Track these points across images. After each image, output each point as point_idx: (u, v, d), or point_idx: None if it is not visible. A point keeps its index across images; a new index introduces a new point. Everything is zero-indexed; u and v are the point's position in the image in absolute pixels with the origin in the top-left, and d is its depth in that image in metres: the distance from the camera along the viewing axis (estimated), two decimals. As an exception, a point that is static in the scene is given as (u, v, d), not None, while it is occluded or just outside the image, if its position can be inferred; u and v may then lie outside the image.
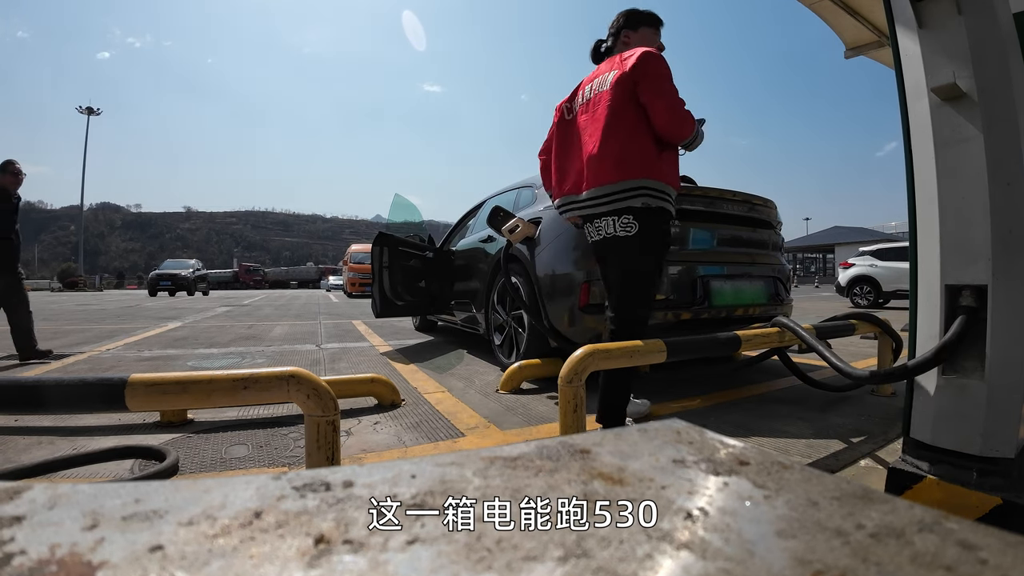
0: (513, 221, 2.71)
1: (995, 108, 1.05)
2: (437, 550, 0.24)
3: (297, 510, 0.26)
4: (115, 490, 0.28)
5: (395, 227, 4.95)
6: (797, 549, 0.24)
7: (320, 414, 1.00)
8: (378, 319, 5.43)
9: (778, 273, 2.75)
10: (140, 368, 3.20)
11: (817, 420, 1.95)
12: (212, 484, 0.29)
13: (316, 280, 39.81)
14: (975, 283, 1.07)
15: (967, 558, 0.23)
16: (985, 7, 1.06)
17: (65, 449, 1.63)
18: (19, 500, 0.27)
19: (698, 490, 0.29)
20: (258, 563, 0.22)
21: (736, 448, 0.35)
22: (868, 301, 9.50)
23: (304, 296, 17.30)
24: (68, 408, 1.19)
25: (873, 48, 2.59)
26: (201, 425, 1.90)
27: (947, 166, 1.11)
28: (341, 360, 3.47)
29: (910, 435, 1.20)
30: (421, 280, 3.99)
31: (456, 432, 1.83)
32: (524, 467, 0.32)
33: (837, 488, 0.29)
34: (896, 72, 1.21)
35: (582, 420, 1.34)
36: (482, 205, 4.10)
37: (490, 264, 3.19)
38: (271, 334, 5.10)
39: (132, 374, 0.98)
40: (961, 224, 1.09)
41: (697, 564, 0.23)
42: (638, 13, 1.82)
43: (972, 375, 1.09)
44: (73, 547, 0.23)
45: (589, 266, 2.34)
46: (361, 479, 0.30)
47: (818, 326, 2.02)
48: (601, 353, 1.38)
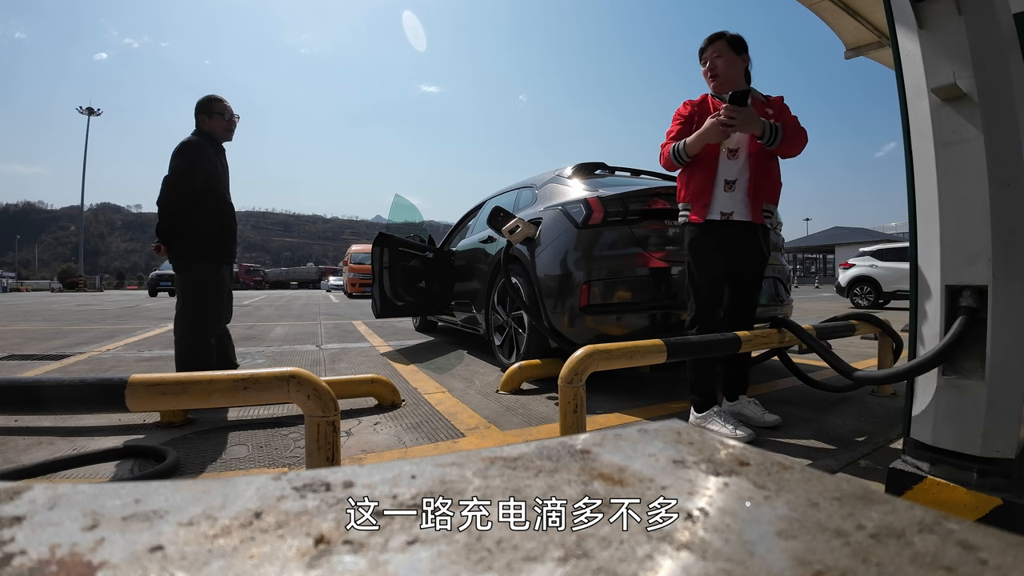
0: (513, 222, 2.71)
1: (995, 108, 1.05)
2: (437, 550, 0.24)
3: (297, 510, 0.26)
4: (115, 490, 0.28)
5: (395, 227, 4.96)
6: (797, 550, 0.24)
7: (320, 414, 1.00)
8: (378, 319, 5.43)
9: (778, 274, 2.75)
10: (140, 368, 3.20)
11: (817, 420, 1.95)
12: (212, 484, 0.29)
13: (316, 280, 39.82)
14: (975, 283, 1.07)
15: (967, 559, 0.23)
16: (985, 7, 1.06)
17: (65, 449, 1.63)
18: (19, 500, 0.27)
19: (698, 490, 0.29)
20: (258, 563, 0.22)
21: (736, 448, 0.35)
22: (868, 301, 9.50)
23: (304, 297, 17.31)
24: (68, 408, 1.19)
25: (873, 48, 2.59)
26: (201, 425, 1.90)
27: (947, 166, 1.11)
28: (341, 360, 3.47)
29: (910, 435, 1.20)
30: (421, 280, 3.99)
31: (456, 433, 1.83)
32: (524, 467, 0.32)
33: (837, 488, 0.29)
34: (896, 72, 1.21)
35: (582, 420, 1.34)
36: (482, 205, 4.11)
37: (490, 264, 3.19)
38: (271, 334, 5.10)
39: (132, 374, 0.98)
40: (961, 224, 1.09)
41: (697, 564, 0.23)
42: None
43: (972, 375, 1.09)
44: (73, 547, 0.23)
45: (589, 266, 2.35)
46: (361, 479, 0.30)
47: (818, 327, 2.02)
48: (601, 353, 1.38)
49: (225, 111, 2.42)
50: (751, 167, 1.78)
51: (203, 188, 2.26)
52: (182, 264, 2.27)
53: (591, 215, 2.42)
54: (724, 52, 1.80)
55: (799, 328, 1.81)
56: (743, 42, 1.82)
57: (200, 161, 2.25)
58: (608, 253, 2.35)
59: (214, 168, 2.32)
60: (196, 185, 2.23)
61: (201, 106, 2.38)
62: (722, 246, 1.81)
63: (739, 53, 1.81)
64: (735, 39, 1.81)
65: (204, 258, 2.29)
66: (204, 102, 2.39)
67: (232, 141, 2.50)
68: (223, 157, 2.45)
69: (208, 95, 2.42)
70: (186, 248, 2.26)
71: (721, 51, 1.80)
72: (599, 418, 1.99)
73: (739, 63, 1.81)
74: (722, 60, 1.80)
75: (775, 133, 1.68)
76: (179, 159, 2.22)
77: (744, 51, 1.82)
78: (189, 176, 2.21)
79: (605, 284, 2.31)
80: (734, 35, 1.81)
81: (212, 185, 2.31)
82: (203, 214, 2.27)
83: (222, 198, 2.38)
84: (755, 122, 1.67)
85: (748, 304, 1.91)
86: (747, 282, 1.89)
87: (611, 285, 2.31)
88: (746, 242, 1.82)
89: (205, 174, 2.26)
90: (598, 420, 1.96)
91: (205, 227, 2.27)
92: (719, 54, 1.80)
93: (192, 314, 2.27)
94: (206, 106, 2.38)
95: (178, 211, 2.21)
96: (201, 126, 2.38)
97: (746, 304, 1.91)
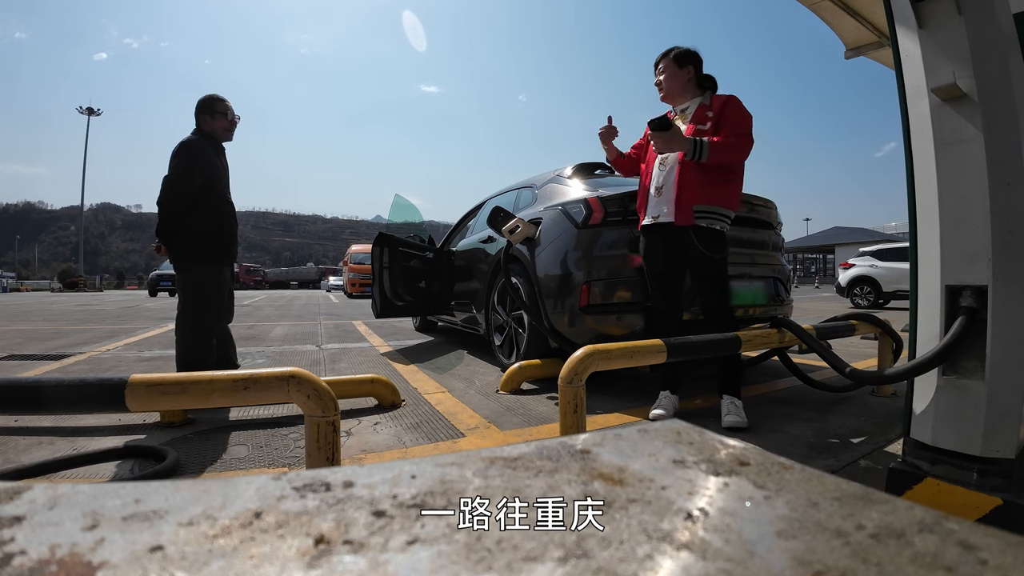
0: (513, 222, 2.71)
1: (995, 108, 1.05)
2: (437, 550, 0.24)
3: (297, 510, 0.26)
4: (115, 490, 0.28)
5: (395, 227, 4.95)
6: (797, 550, 0.24)
7: (320, 414, 1.00)
8: (378, 319, 5.43)
9: (778, 274, 2.75)
10: (140, 368, 3.20)
11: (817, 420, 1.95)
12: (212, 484, 0.29)
13: (316, 280, 39.83)
14: (975, 283, 1.07)
15: (967, 559, 0.23)
16: (985, 7, 1.06)
17: (65, 449, 1.63)
18: (19, 500, 0.27)
19: (698, 490, 0.29)
20: (258, 563, 0.22)
21: (736, 448, 0.35)
22: (868, 301, 9.50)
23: (304, 297, 17.31)
24: (68, 408, 1.19)
25: (873, 48, 2.59)
26: (201, 425, 1.90)
27: (947, 166, 1.11)
28: (341, 360, 3.47)
29: (910, 435, 1.20)
30: (421, 280, 3.99)
31: (456, 432, 1.83)
32: (524, 467, 0.32)
33: (837, 488, 0.29)
34: (896, 72, 1.21)
35: (582, 420, 1.34)
36: (482, 205, 4.11)
37: (490, 264, 3.19)
38: (271, 334, 5.10)
39: (132, 374, 0.98)
40: (961, 224, 1.09)
41: (697, 565, 0.23)
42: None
43: (972, 375, 1.09)
44: (73, 547, 0.23)
45: (589, 266, 2.35)
46: (361, 479, 0.30)
47: (818, 327, 2.02)
48: (601, 353, 1.38)
49: (227, 111, 2.41)
50: (677, 172, 1.92)
51: (203, 188, 2.26)
52: (182, 265, 2.27)
53: (591, 215, 2.42)
54: (668, 68, 1.99)
55: (799, 328, 1.81)
56: (687, 55, 1.98)
57: (200, 161, 2.25)
58: (608, 253, 2.35)
59: (214, 168, 2.32)
60: (196, 185, 2.22)
61: (203, 105, 2.38)
62: (656, 248, 2.00)
63: (681, 66, 1.97)
64: (679, 55, 1.98)
65: (204, 259, 2.29)
66: (206, 101, 2.39)
67: (232, 141, 2.50)
68: (223, 157, 2.45)
69: (209, 94, 2.42)
70: (186, 248, 2.26)
71: (665, 67, 2.00)
72: (599, 418, 1.99)
73: (681, 76, 1.98)
74: (665, 76, 2.00)
75: (700, 150, 1.80)
76: (179, 159, 2.22)
77: (688, 63, 1.97)
78: (189, 176, 2.21)
79: (605, 284, 2.31)
80: (680, 51, 1.99)
81: (212, 185, 2.31)
82: (203, 214, 2.26)
83: (223, 198, 2.38)
84: (676, 143, 1.83)
85: (714, 305, 1.97)
86: (703, 284, 1.97)
87: (611, 285, 2.31)
88: (679, 244, 1.94)
89: (205, 174, 2.26)
90: (598, 420, 1.96)
91: (205, 227, 2.27)
92: (663, 71, 2.01)
93: (192, 315, 2.27)
94: (208, 105, 2.38)
95: (178, 211, 2.21)
96: (203, 126, 2.37)
97: (711, 305, 1.97)
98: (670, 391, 2.02)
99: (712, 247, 1.90)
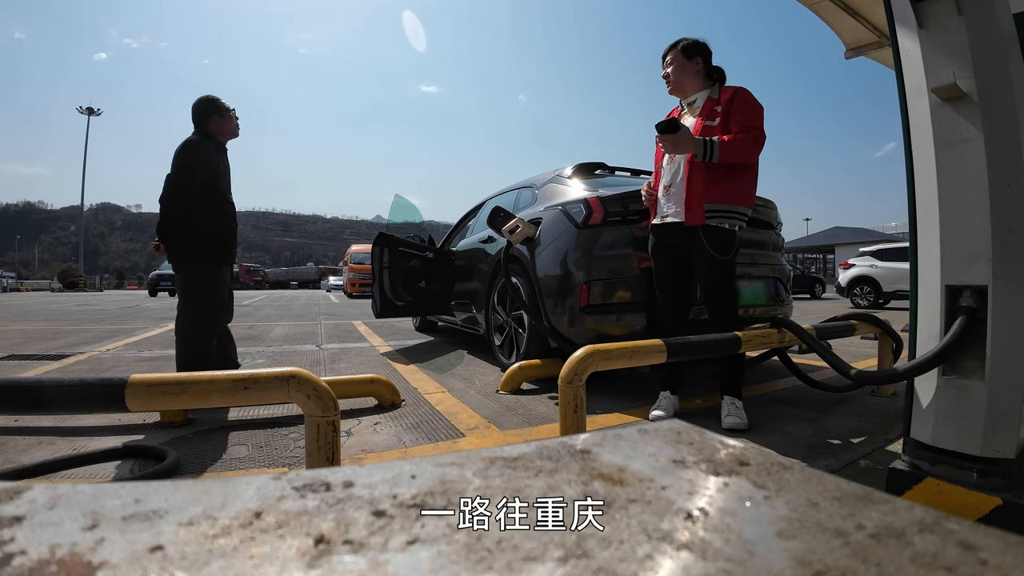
0: (513, 222, 2.71)
1: (995, 108, 1.05)
2: (437, 550, 0.24)
3: (297, 510, 0.26)
4: (115, 490, 0.28)
5: (395, 227, 4.95)
6: (797, 550, 0.24)
7: (320, 414, 1.00)
8: (378, 319, 5.44)
9: (778, 274, 2.75)
10: (140, 368, 3.20)
11: (818, 420, 1.95)
12: (212, 484, 0.29)
13: (316, 280, 39.83)
14: (975, 283, 1.07)
15: (967, 559, 0.23)
16: (985, 7, 1.06)
17: (65, 449, 1.63)
18: (19, 500, 0.27)
19: (698, 490, 0.29)
20: (258, 563, 0.22)
21: (736, 448, 0.35)
22: (868, 301, 9.51)
23: (304, 296, 17.31)
24: (68, 408, 1.19)
25: (873, 48, 2.59)
26: (201, 425, 1.90)
27: (947, 166, 1.11)
28: (341, 360, 3.47)
29: (910, 435, 1.20)
30: (421, 280, 3.99)
31: (456, 432, 1.83)
32: (524, 467, 0.32)
33: (837, 488, 0.29)
34: (896, 72, 1.21)
35: (582, 420, 1.34)
36: (482, 205, 4.10)
37: (490, 264, 3.18)
38: (271, 334, 5.10)
39: (132, 374, 0.98)
40: (961, 224, 1.09)
41: (697, 564, 0.23)
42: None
43: (972, 375, 1.09)
44: (73, 547, 0.23)
45: (589, 266, 2.35)
46: (361, 479, 0.30)
47: (818, 327, 2.02)
48: (601, 353, 1.38)
49: (231, 109, 2.44)
50: (685, 170, 1.88)
51: (204, 188, 2.26)
52: (182, 265, 2.28)
53: (591, 215, 2.42)
54: (676, 60, 1.95)
55: (799, 328, 1.81)
56: (696, 46, 1.93)
57: (201, 161, 2.25)
58: (608, 253, 2.35)
59: (215, 168, 2.32)
60: (196, 185, 2.23)
61: (209, 106, 2.38)
62: (664, 249, 1.98)
63: (690, 58, 1.93)
64: (687, 46, 1.94)
65: (204, 259, 2.29)
66: (211, 102, 2.40)
67: (239, 136, 2.52)
68: (225, 157, 2.46)
69: (209, 95, 2.42)
70: (186, 248, 2.26)
71: (674, 59, 1.95)
72: (599, 418, 1.99)
73: (689, 67, 1.93)
74: (673, 68, 1.95)
75: (710, 150, 1.77)
76: (181, 158, 2.22)
77: (696, 55, 1.92)
78: (189, 176, 2.21)
79: (605, 284, 2.31)
80: (689, 43, 1.95)
81: (213, 185, 2.31)
82: (203, 214, 2.27)
83: (224, 198, 2.38)
84: (685, 145, 1.78)
85: (720, 307, 1.94)
86: (707, 283, 1.94)
87: (611, 285, 2.31)
88: (685, 243, 1.92)
89: (206, 174, 2.27)
90: (598, 420, 1.96)
91: (205, 227, 2.27)
92: (671, 62, 1.96)
93: (192, 315, 2.27)
94: (215, 105, 2.39)
95: (178, 211, 2.21)
96: (211, 126, 2.38)
97: (716, 306, 1.95)
98: (670, 391, 2.02)
99: (720, 248, 1.86)
